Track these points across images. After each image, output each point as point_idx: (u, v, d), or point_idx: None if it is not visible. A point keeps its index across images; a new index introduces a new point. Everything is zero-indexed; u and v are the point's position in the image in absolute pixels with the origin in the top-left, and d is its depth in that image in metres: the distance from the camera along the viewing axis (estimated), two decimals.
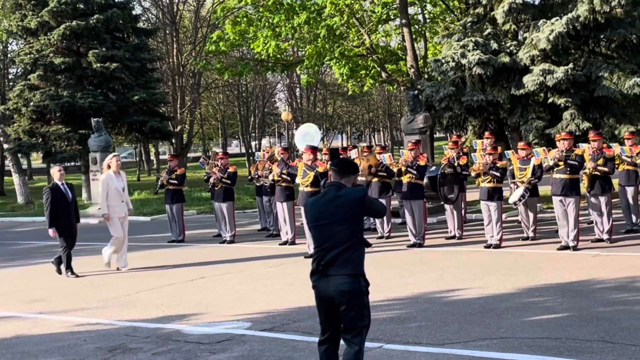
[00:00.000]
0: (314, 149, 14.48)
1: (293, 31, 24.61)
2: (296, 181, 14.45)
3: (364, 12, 26.57)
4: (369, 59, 26.69)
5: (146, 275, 12.31)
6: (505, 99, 19.89)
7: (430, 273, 10.98)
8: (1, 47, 44.42)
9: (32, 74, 32.35)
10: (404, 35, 24.43)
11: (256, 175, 16.74)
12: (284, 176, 14.82)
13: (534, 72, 18.42)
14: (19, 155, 33.60)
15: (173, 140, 41.87)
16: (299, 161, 14.78)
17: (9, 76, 45.98)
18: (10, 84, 43.41)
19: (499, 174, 13.16)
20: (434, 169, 14.26)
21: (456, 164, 14.77)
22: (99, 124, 24.85)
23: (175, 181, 16.52)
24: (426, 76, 25.21)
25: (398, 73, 28.00)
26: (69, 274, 12.38)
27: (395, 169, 14.30)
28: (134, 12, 36.88)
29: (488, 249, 13.01)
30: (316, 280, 5.50)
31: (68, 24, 31.65)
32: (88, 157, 25.50)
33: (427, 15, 30.11)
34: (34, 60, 32.00)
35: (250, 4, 25.55)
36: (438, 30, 28.65)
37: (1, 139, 32.76)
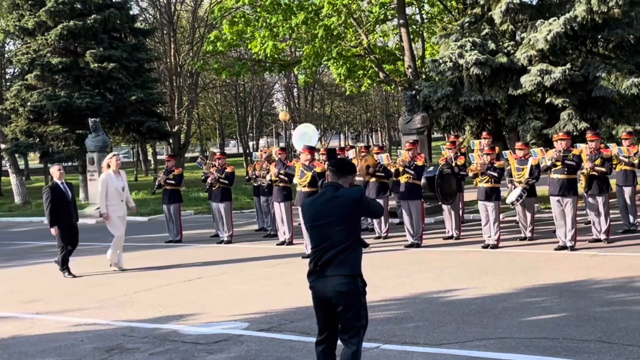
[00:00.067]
0: (312, 149, 14.47)
1: (290, 31, 24.60)
2: (294, 181, 14.45)
3: (361, 12, 26.57)
4: (367, 59, 26.67)
5: (143, 275, 12.30)
6: (502, 99, 19.90)
7: (428, 273, 10.98)
8: None
9: (30, 74, 32.31)
10: (401, 36, 24.43)
11: (254, 176, 16.73)
12: (282, 176, 14.80)
13: (531, 73, 18.43)
14: (16, 155, 33.55)
15: (170, 141, 41.84)
16: (296, 161, 14.77)
17: (6, 76, 45.92)
18: (8, 84, 43.34)
19: (496, 174, 13.16)
20: (431, 169, 14.27)
21: (454, 164, 14.78)
22: (96, 124, 24.80)
23: (173, 181, 16.51)
24: (424, 76, 25.21)
25: (396, 73, 27.99)
26: (66, 274, 12.37)
27: (392, 169, 14.30)
28: (131, 12, 36.81)
29: (486, 249, 13.01)
30: (313, 280, 5.50)
31: (65, 23, 31.60)
32: (85, 157, 25.42)
33: (425, 16, 30.12)
34: (31, 60, 31.95)
35: (248, 4, 25.53)
36: (436, 31, 28.66)
37: None
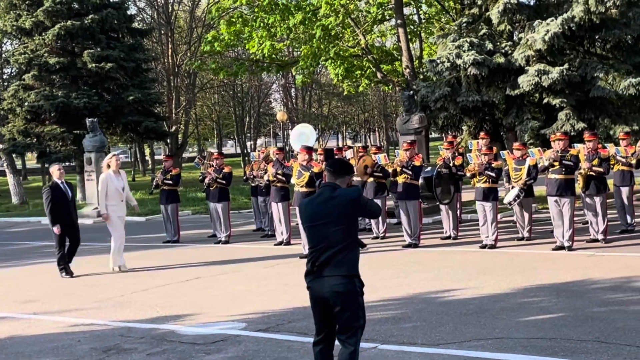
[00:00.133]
0: (309, 149, 14.47)
1: (288, 31, 24.59)
2: (291, 181, 14.45)
3: (359, 13, 26.56)
4: (365, 59, 26.67)
5: (141, 275, 12.29)
6: (500, 99, 19.90)
7: (426, 273, 10.98)
8: None
9: (27, 74, 32.26)
10: (399, 36, 24.42)
11: (251, 176, 16.72)
12: (279, 176, 14.80)
13: (529, 73, 18.43)
14: (14, 155, 33.52)
15: (168, 141, 41.81)
16: (294, 161, 14.77)
17: (4, 76, 45.88)
18: (5, 84, 43.28)
19: (494, 175, 13.17)
20: (429, 169, 14.27)
21: (451, 164, 14.78)
22: (93, 124, 24.77)
23: (170, 181, 16.51)
24: (421, 76, 25.22)
25: (393, 73, 28.00)
26: (63, 274, 12.35)
27: (390, 170, 14.29)
28: (129, 12, 36.76)
29: (483, 249, 13.01)
30: (311, 281, 5.49)
31: (63, 23, 31.55)
32: (83, 158, 25.40)
33: (423, 16, 30.11)
34: (28, 60, 31.90)
35: (245, 4, 25.52)
36: (433, 31, 28.67)
37: None
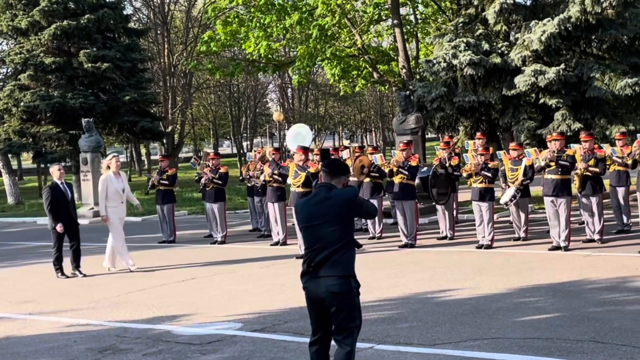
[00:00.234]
0: (306, 150, 14.46)
1: (285, 31, 24.57)
2: (288, 182, 14.44)
3: (355, 13, 26.54)
4: (361, 59, 26.67)
5: (137, 275, 12.27)
6: (496, 99, 19.90)
7: (422, 273, 10.98)
8: None
9: (23, 74, 32.21)
10: (395, 36, 24.42)
11: (247, 176, 16.72)
12: (275, 176, 14.79)
13: (525, 73, 18.43)
14: (9, 155, 33.47)
15: (164, 141, 41.80)
16: (290, 162, 14.76)
17: None
18: (1, 84, 43.16)
19: (490, 175, 13.17)
20: (425, 169, 14.27)
21: (448, 164, 14.78)
22: (89, 124, 24.75)
23: (166, 182, 16.49)
24: (418, 77, 25.21)
25: (390, 73, 27.99)
26: (59, 274, 12.32)
27: (387, 170, 14.29)
28: (125, 12, 36.78)
29: (480, 250, 13.02)
30: (307, 281, 5.48)
31: (59, 23, 31.53)
32: (78, 158, 25.39)
33: (419, 16, 30.11)
34: (24, 60, 31.87)
35: (242, 4, 25.48)
36: (430, 31, 28.65)
37: None
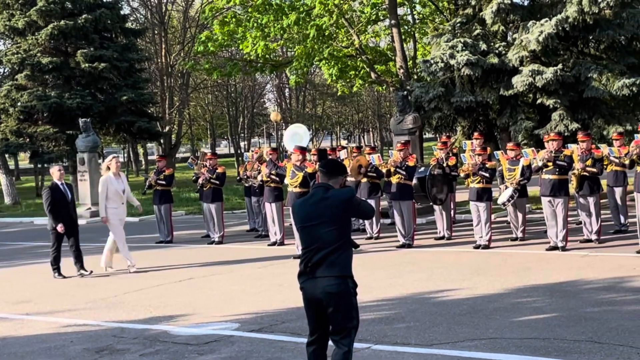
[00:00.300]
0: (303, 150, 14.45)
1: (282, 32, 24.55)
2: (285, 182, 14.43)
3: (353, 13, 26.54)
4: (358, 59, 26.65)
5: (134, 276, 12.26)
6: (494, 99, 19.90)
7: (420, 274, 10.97)
8: None
9: (20, 74, 32.19)
10: (393, 36, 24.40)
11: (245, 176, 16.70)
12: (273, 177, 14.78)
13: (523, 73, 18.44)
14: (6, 155, 33.43)
15: (161, 141, 41.74)
16: (287, 162, 14.75)
17: None
18: None
19: (488, 175, 13.17)
20: (423, 169, 14.27)
21: (445, 164, 14.78)
22: (86, 124, 24.72)
23: (164, 182, 16.48)
24: (415, 77, 25.19)
25: (387, 74, 27.97)
26: (56, 274, 12.31)
27: (384, 170, 14.28)
28: (122, 12, 36.73)
29: (477, 250, 13.02)
30: (304, 281, 5.48)
31: (56, 23, 31.50)
32: (76, 158, 25.36)
33: (417, 16, 30.09)
34: (21, 60, 31.83)
35: (239, 4, 25.45)
36: (427, 31, 28.64)
37: None
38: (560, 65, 18.44)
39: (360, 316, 5.55)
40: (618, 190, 13.99)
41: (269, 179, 14.82)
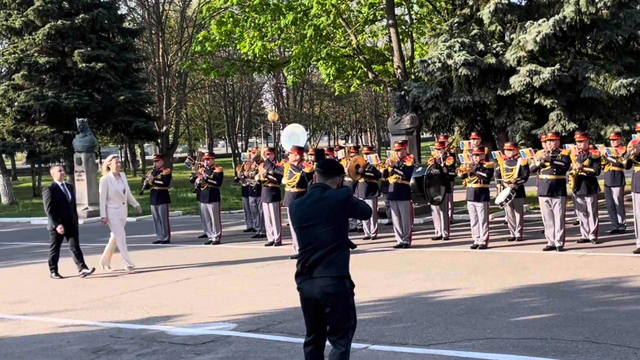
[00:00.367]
0: (300, 150, 14.43)
1: (279, 31, 24.55)
2: (282, 182, 14.42)
3: (350, 13, 26.55)
4: (356, 59, 26.67)
5: (131, 276, 12.24)
6: (491, 99, 19.91)
7: (417, 274, 10.97)
8: None
9: (17, 74, 32.15)
10: (390, 36, 24.41)
11: (242, 176, 16.68)
12: (270, 177, 14.77)
13: (520, 73, 18.45)
14: (3, 155, 33.38)
15: (159, 141, 41.73)
16: (285, 162, 14.74)
17: None
18: None
19: (485, 175, 13.17)
20: (420, 169, 14.26)
21: (443, 164, 14.78)
22: (83, 124, 24.69)
23: (161, 182, 16.47)
24: (413, 77, 25.22)
25: (385, 74, 28.00)
26: (53, 274, 12.28)
27: (381, 170, 14.27)
28: (119, 12, 36.73)
29: (474, 250, 13.02)
30: (301, 282, 5.47)
31: (53, 23, 31.47)
32: (73, 158, 25.33)
33: (414, 16, 30.12)
34: (18, 60, 31.80)
35: (236, 4, 25.46)
36: (425, 31, 28.69)
37: None
38: (557, 66, 18.46)
39: (357, 316, 5.54)
40: (615, 190, 13.99)
41: (266, 179, 14.81)
